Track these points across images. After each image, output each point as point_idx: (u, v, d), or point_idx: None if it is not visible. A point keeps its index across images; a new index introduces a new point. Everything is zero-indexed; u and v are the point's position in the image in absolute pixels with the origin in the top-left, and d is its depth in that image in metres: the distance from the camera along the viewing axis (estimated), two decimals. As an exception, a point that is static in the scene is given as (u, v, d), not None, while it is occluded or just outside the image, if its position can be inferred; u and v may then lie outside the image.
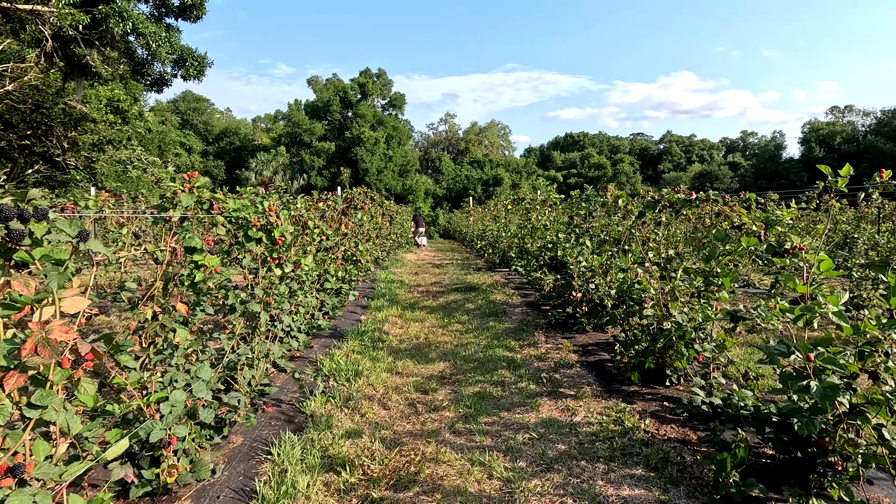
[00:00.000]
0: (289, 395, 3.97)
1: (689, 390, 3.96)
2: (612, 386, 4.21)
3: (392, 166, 46.46)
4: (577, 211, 5.25)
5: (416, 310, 7.20)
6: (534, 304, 7.60)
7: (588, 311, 5.39)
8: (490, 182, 51.51)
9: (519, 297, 8.25)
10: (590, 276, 5.15)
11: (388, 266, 12.40)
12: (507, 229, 11.18)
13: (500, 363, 4.82)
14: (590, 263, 4.87)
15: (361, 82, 49.74)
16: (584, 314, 5.32)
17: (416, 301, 7.88)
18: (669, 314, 3.62)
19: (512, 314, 6.97)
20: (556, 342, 5.56)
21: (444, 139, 67.53)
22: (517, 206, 8.55)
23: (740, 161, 77.68)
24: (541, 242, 6.97)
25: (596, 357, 5.00)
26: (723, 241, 3.72)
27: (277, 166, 47.39)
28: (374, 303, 7.44)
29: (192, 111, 58.85)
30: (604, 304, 5.24)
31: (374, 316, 6.65)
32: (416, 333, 5.89)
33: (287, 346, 4.65)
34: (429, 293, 8.75)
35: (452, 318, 6.67)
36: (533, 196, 8.76)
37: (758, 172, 62.52)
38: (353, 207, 6.65)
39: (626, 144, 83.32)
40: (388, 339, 5.62)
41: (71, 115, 19.99)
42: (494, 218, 13.21)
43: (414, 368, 4.73)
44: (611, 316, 4.57)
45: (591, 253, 4.76)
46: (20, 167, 24.25)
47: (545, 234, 6.63)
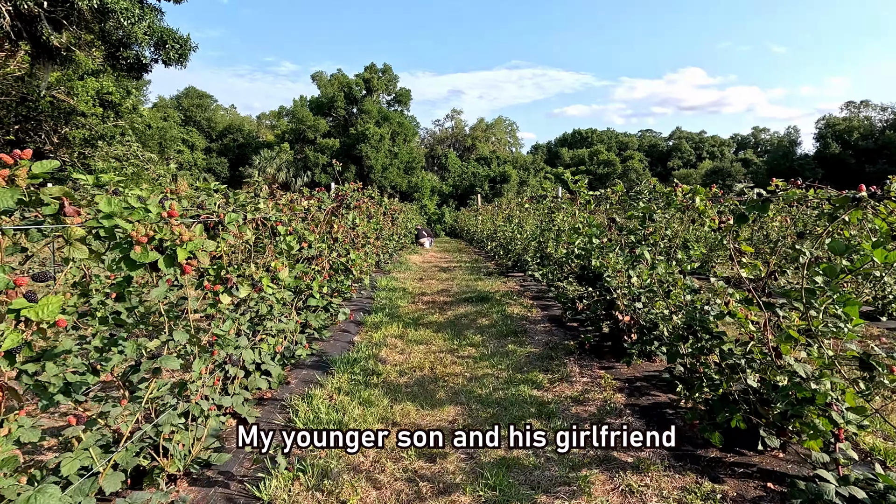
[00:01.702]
0: (245, 466, 2.91)
1: (802, 462, 2.87)
2: (684, 449, 3.12)
3: (397, 163, 45.44)
4: (632, 212, 4.13)
5: (420, 327, 6.13)
6: (558, 320, 6.51)
7: (637, 340, 4.29)
8: (497, 179, 50.35)
9: (539, 309, 7.15)
10: (640, 293, 4.05)
11: (391, 270, 11.33)
12: (522, 231, 10.07)
13: (528, 408, 3.74)
14: (644, 279, 3.78)
15: (366, 78, 48.69)
16: (633, 343, 4.22)
17: (420, 315, 6.81)
18: (779, 361, 2.53)
19: (534, 333, 5.88)
20: (592, 374, 4.47)
21: (451, 136, 66.45)
22: (538, 204, 7.44)
23: (752, 158, 76.11)
24: (568, 248, 5.88)
25: (649, 399, 3.90)
26: (844, 254, 2.62)
27: (281, 163, 46.54)
28: (371, 318, 6.37)
29: (195, 107, 58.10)
30: (654, 329, 4.14)
31: (371, 336, 5.58)
32: (419, 361, 4.81)
33: (256, 385, 3.59)
34: (435, 304, 7.67)
35: (463, 339, 5.59)
36: (555, 193, 7.64)
37: (771, 169, 60.91)
38: (344, 207, 5.59)
39: (634, 141, 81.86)
40: (384, 370, 4.55)
41: (60, 109, 19.07)
42: (507, 218, 12.08)
43: (416, 416, 3.65)
44: (671, 349, 3.48)
45: (649, 266, 3.66)
46: (13, 164, 23.38)
47: (574, 239, 5.54)
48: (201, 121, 56.93)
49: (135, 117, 24.62)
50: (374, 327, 5.98)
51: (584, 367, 4.66)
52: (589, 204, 5.36)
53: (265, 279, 3.06)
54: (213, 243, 2.15)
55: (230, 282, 2.65)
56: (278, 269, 3.29)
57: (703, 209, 3.09)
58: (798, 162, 59.12)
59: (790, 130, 68.41)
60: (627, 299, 4.32)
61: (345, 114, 48.85)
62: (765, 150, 79.47)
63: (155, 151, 33.36)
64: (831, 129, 59.36)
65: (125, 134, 23.40)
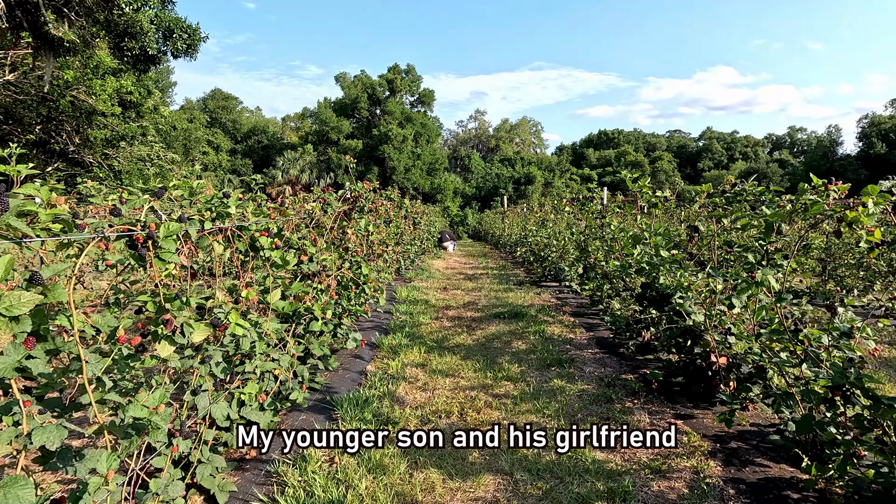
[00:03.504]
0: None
1: None
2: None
3: (420, 164, 44.76)
4: (746, 219, 3.09)
5: (445, 352, 5.21)
6: (608, 345, 5.51)
7: (738, 389, 3.27)
8: (522, 180, 49.18)
9: (583, 329, 6.16)
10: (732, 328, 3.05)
11: (413, 278, 10.45)
12: (559, 237, 9.03)
13: (592, 482, 2.78)
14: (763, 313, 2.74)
15: (390, 78, 48.15)
16: (734, 395, 3.18)
17: (444, 335, 5.89)
18: None
19: (582, 363, 4.90)
20: (668, 425, 3.49)
21: (474, 136, 65.54)
22: (581, 207, 6.43)
23: (788, 158, 73.10)
24: (623, 259, 4.88)
25: (756, 471, 2.89)
26: None
27: (304, 164, 46.41)
28: (388, 339, 5.48)
29: (220, 109, 58.64)
30: (762, 375, 3.13)
31: (387, 365, 4.69)
32: (445, 403, 3.87)
33: (234, 443, 2.74)
34: (461, 321, 6.75)
35: (497, 370, 4.65)
36: (601, 195, 6.59)
37: (809, 170, 58.16)
38: (358, 210, 4.71)
39: (662, 141, 79.60)
40: (402, 415, 3.64)
41: (81, 109, 18.83)
42: (541, 222, 11.02)
43: (442, 490, 2.73)
44: (806, 419, 2.46)
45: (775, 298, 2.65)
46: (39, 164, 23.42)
47: (632, 250, 4.55)
48: (226, 122, 57.39)
49: (157, 117, 24.41)
50: (391, 352, 5.08)
51: (654, 415, 3.67)
52: (655, 208, 4.37)
53: (234, 314, 2.19)
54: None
55: (170, 325, 1.79)
56: (251, 300, 2.42)
57: (863, 217, 2.11)
58: (839, 162, 56.23)
59: (831, 129, 65.29)
60: (719, 333, 3.32)
61: (368, 115, 48.40)
62: (801, 151, 76.27)
63: (180, 153, 33.34)
64: (876, 128, 56.43)
65: (146, 134, 23.17)
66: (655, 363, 4.81)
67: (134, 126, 21.79)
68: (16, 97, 16.30)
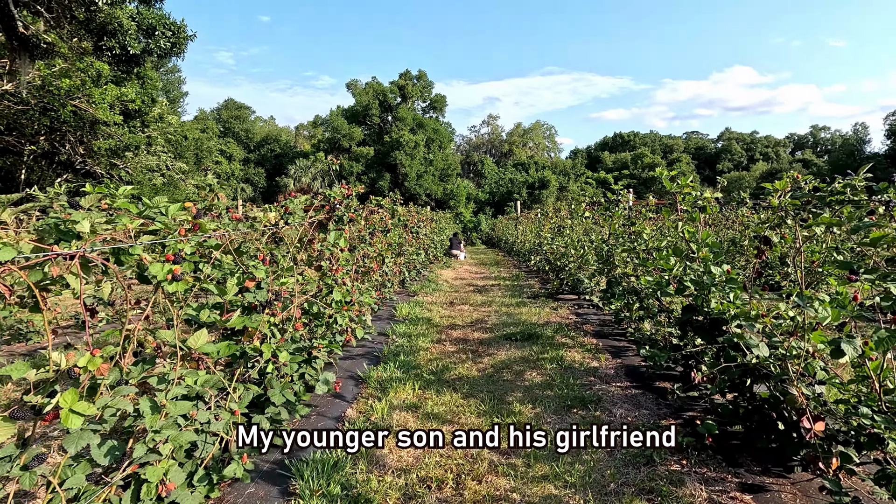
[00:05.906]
0: None
1: None
2: None
3: (432, 170, 44.08)
4: (862, 229, 2.20)
5: (444, 387, 4.36)
6: (639, 376, 4.61)
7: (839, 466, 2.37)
8: (536, 185, 48.14)
9: (609, 355, 5.26)
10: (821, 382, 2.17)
11: (417, 291, 9.62)
12: (578, 246, 8.12)
13: None
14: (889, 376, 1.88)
15: (401, 84, 47.64)
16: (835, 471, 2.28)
17: (445, 365, 5.04)
18: None
19: (610, 401, 4.01)
20: (729, 498, 2.60)
21: (487, 141, 64.80)
22: (605, 212, 5.52)
23: (812, 158, 70.80)
24: (659, 275, 4.00)
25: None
26: None
27: (316, 172, 46.09)
28: (377, 372, 4.64)
29: (233, 119, 58.78)
30: (874, 444, 2.24)
31: (371, 408, 3.85)
32: (438, 466, 3.02)
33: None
34: (467, 344, 5.90)
35: (507, 413, 3.79)
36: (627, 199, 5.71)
37: (835, 170, 56.10)
38: (337, 220, 3.89)
39: (680, 143, 77.77)
40: (380, 487, 2.80)
41: (83, 119, 18.47)
42: (557, 229, 10.10)
43: None
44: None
45: None
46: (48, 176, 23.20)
47: (672, 265, 3.67)
48: (239, 132, 57.45)
49: (164, 126, 24.05)
50: (378, 390, 4.24)
51: (713, 485, 2.77)
52: (703, 212, 3.47)
53: (70, 394, 1.39)
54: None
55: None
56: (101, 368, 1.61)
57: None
58: (867, 161, 54.13)
59: (857, 127, 63.04)
60: (807, 385, 2.43)
61: (379, 121, 47.93)
62: (825, 150, 73.86)
63: (191, 162, 33.06)
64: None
65: (153, 144, 22.80)
66: (701, 402, 3.91)
67: (140, 135, 21.44)
68: (15, 107, 15.94)
